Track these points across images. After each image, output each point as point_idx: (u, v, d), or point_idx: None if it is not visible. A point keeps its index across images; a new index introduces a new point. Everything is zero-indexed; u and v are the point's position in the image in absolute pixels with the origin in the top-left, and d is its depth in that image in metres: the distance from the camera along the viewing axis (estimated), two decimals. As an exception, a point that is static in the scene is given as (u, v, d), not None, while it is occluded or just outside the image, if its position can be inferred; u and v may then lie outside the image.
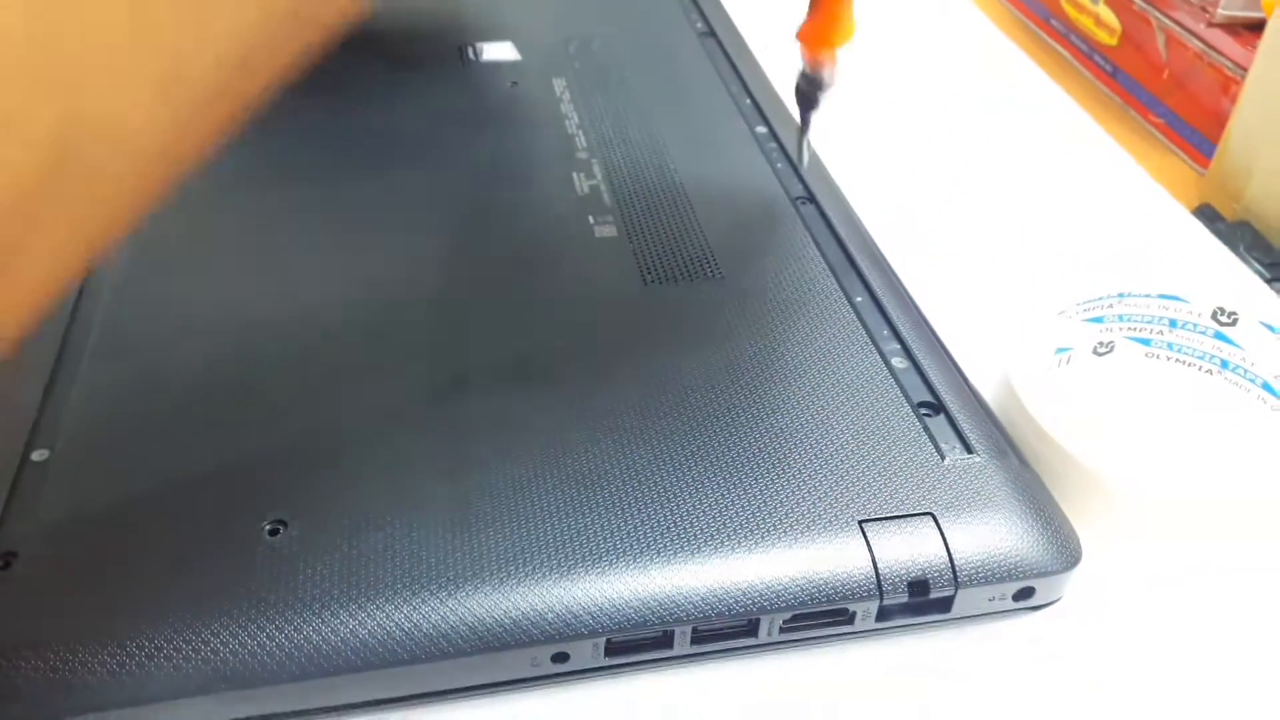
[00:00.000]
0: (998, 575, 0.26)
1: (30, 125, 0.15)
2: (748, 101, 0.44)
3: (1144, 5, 0.52)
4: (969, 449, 0.28)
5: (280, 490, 0.26)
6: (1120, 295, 0.35)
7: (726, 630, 0.25)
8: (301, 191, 0.38)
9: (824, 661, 0.26)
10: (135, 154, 0.17)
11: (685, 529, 0.26)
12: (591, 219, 0.37)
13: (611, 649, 0.25)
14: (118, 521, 0.25)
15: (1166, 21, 0.51)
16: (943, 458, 0.28)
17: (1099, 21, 0.57)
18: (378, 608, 0.24)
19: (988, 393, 0.32)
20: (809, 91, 0.37)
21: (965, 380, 0.31)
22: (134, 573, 0.24)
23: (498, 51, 0.47)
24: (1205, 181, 0.47)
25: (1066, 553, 0.27)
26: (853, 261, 0.35)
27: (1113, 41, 0.56)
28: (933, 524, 0.26)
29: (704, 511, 0.26)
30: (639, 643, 0.25)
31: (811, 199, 0.38)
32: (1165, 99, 0.53)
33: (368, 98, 0.43)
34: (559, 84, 0.45)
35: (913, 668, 0.26)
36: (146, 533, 0.25)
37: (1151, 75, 0.53)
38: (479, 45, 0.48)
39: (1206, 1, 0.48)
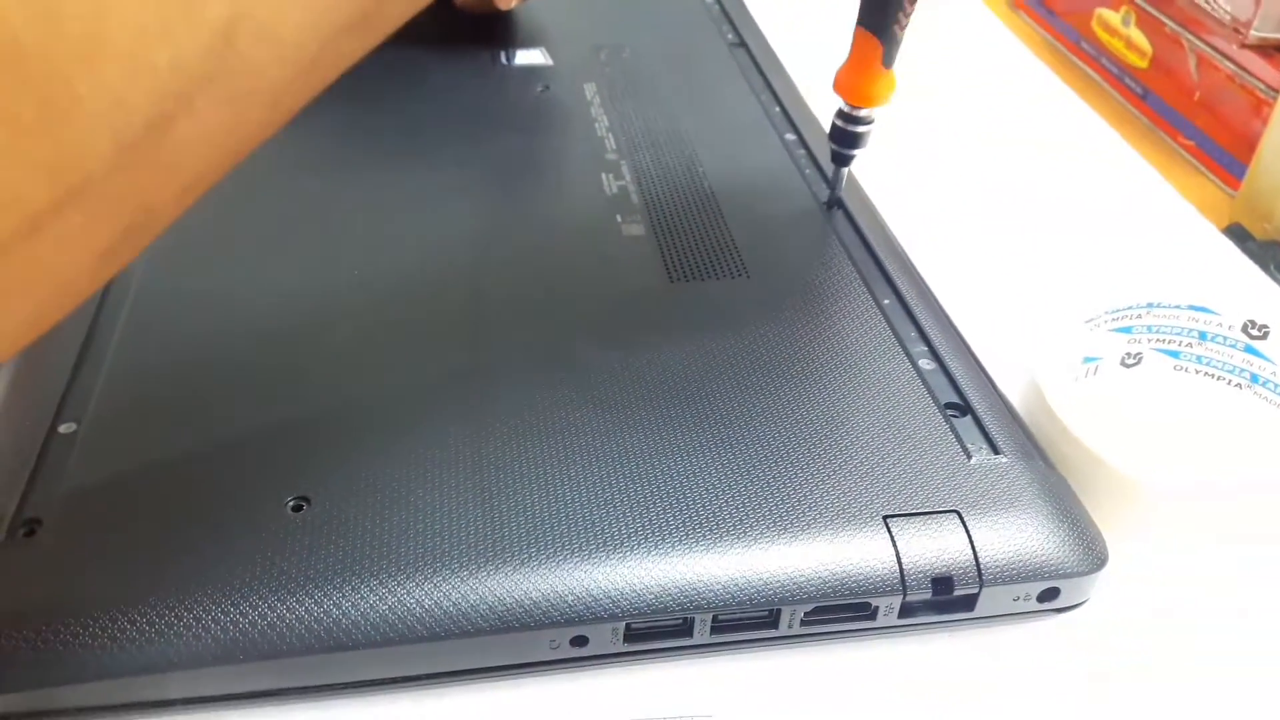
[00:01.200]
0: (1023, 575, 0.26)
1: (203, 9, 0.16)
2: (777, 110, 0.45)
3: (1176, 28, 0.52)
4: (995, 450, 0.28)
5: (304, 468, 0.26)
6: (1150, 305, 0.35)
7: (747, 620, 0.25)
8: (333, 182, 0.38)
9: (845, 657, 0.26)
10: (289, 62, 0.18)
11: (708, 517, 0.25)
12: (619, 217, 0.37)
13: (631, 635, 0.25)
14: (141, 494, 0.26)
15: (1199, 44, 0.51)
16: (969, 457, 0.28)
17: (1130, 44, 0.57)
18: (399, 584, 0.24)
19: (1014, 397, 0.32)
20: (846, 129, 0.36)
21: (992, 383, 0.31)
22: (156, 544, 0.24)
23: (530, 57, 0.48)
24: (1235, 203, 0.47)
25: (1093, 555, 0.26)
26: (880, 266, 0.35)
27: (1143, 64, 0.56)
28: (958, 521, 0.26)
29: (728, 501, 0.26)
30: (659, 629, 0.25)
31: (840, 205, 0.38)
32: (1195, 121, 0.52)
33: (402, 98, 0.44)
34: (589, 89, 0.45)
35: (935, 667, 0.26)
36: (169, 506, 0.25)
37: (1182, 97, 0.53)
38: (511, 50, 0.48)
39: (1239, 23, 0.48)
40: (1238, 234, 0.44)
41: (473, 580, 0.24)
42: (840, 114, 0.36)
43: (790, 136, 0.43)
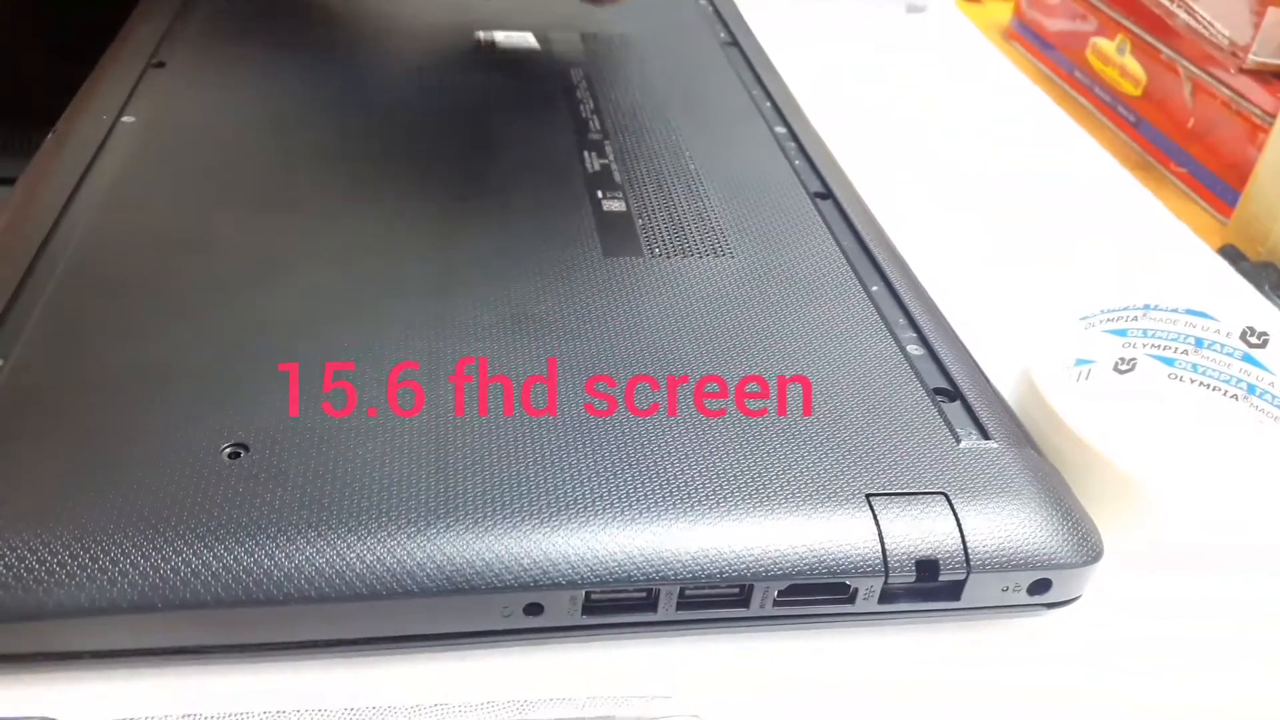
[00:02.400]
0: (1013, 563, 0.24)
1: None
2: (768, 105, 0.44)
3: (1171, 54, 0.52)
4: (985, 435, 0.26)
5: (245, 415, 0.24)
6: (1146, 308, 0.33)
7: (716, 597, 0.23)
8: (303, 149, 0.36)
9: (820, 644, 0.24)
10: None
11: (678, 485, 0.24)
12: (600, 193, 0.35)
13: (590, 606, 0.23)
14: (66, 433, 0.23)
15: (1194, 69, 0.50)
16: (958, 441, 0.26)
17: (1124, 73, 0.56)
18: (338, 538, 0.22)
19: (1006, 391, 0.30)
20: None
21: (982, 373, 0.29)
22: (74, 479, 0.22)
23: (517, 39, 0.47)
24: (1229, 227, 0.46)
25: (1087, 547, 0.25)
26: (869, 253, 0.34)
27: (1137, 92, 0.55)
28: (945, 504, 0.24)
29: (699, 469, 0.24)
30: (620, 602, 0.23)
31: (829, 195, 0.37)
32: (1189, 148, 0.52)
33: (385, 74, 0.42)
34: (576, 73, 0.44)
35: (917, 660, 0.24)
36: (95, 445, 0.23)
37: (1175, 124, 0.53)
38: (495, 33, 0.47)
39: (1237, 48, 0.48)
40: (1231, 255, 0.43)
41: (420, 538, 0.22)
42: None
43: (780, 129, 0.41)
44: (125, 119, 0.36)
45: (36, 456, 0.23)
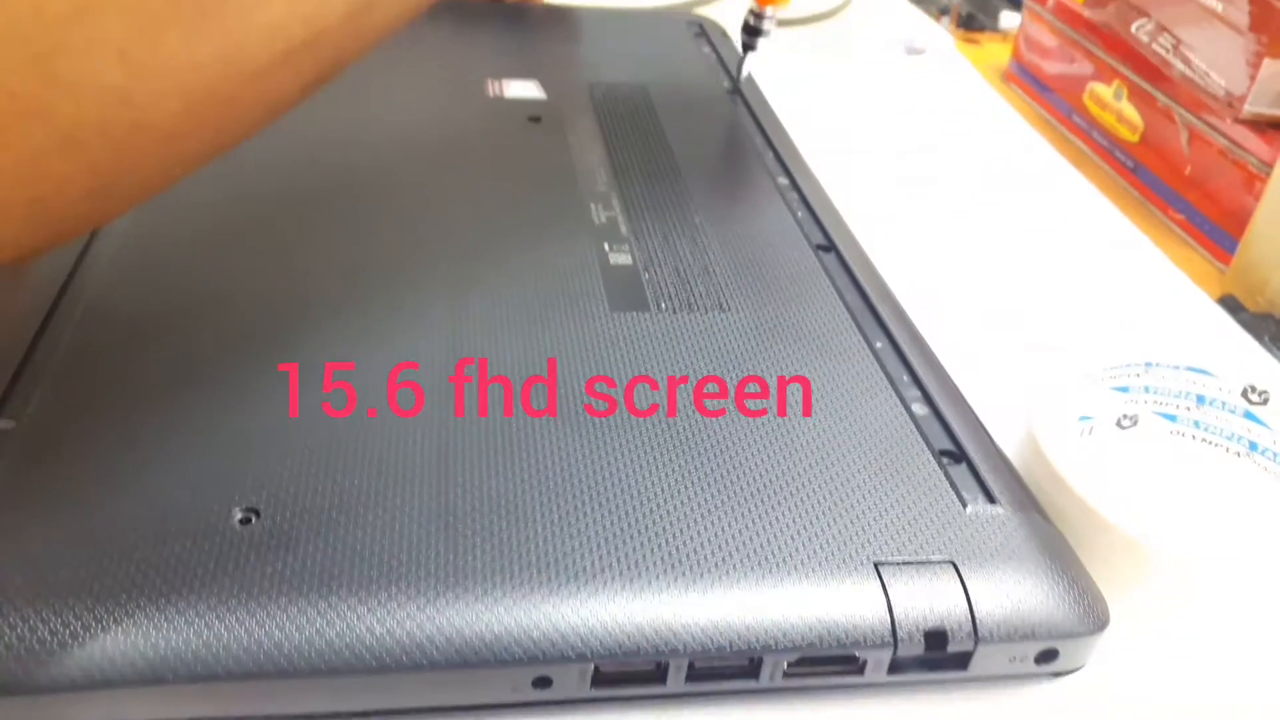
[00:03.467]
0: (1021, 633, 0.24)
1: None
2: (771, 156, 0.44)
3: (1168, 101, 0.52)
4: (992, 499, 0.27)
5: (257, 479, 0.24)
6: (1148, 365, 0.34)
7: (726, 669, 0.23)
8: (313, 203, 0.36)
9: (829, 713, 0.24)
10: None
11: (687, 555, 0.24)
12: (607, 245, 0.35)
13: (599, 679, 0.23)
14: (76, 496, 0.24)
15: (1190, 118, 0.51)
16: (965, 506, 0.26)
17: (1121, 118, 0.57)
18: (349, 608, 0.22)
19: (1009, 449, 0.30)
20: (755, 26, 0.47)
21: (986, 433, 0.30)
22: (85, 546, 0.22)
23: (523, 89, 0.47)
24: (1228, 276, 0.47)
25: (1093, 615, 0.25)
26: (872, 308, 0.34)
27: (1134, 138, 0.56)
28: (953, 572, 0.24)
29: (709, 539, 0.24)
30: (630, 674, 0.23)
31: (832, 247, 0.37)
32: (1186, 194, 0.52)
33: (392, 122, 0.43)
34: (583, 122, 0.44)
35: (923, 729, 0.24)
36: (106, 509, 0.23)
37: (1172, 171, 0.53)
38: (503, 81, 0.47)
39: (1234, 98, 0.48)
40: (1231, 305, 0.43)
41: (430, 609, 0.22)
42: (751, 13, 0.47)
43: (783, 180, 0.42)
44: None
45: (47, 522, 0.23)
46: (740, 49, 0.49)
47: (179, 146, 0.20)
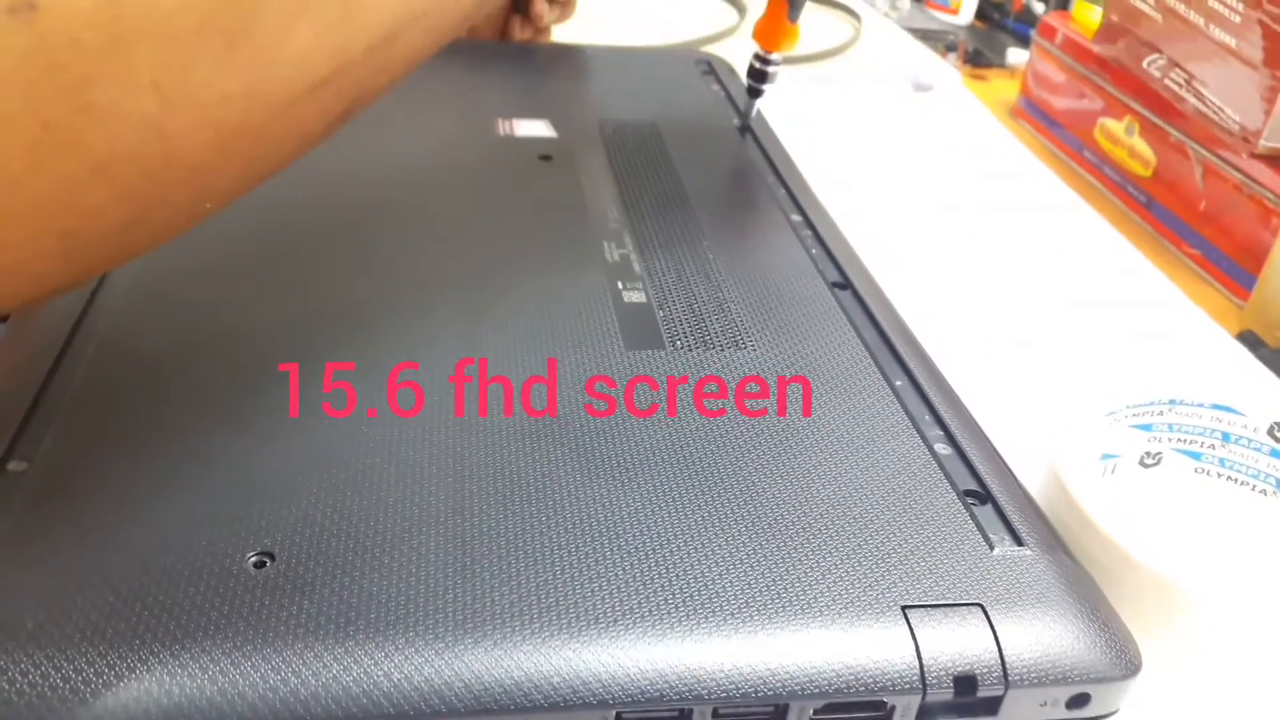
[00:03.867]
0: (1051, 677, 0.23)
1: None
2: (783, 192, 0.44)
3: (1181, 137, 0.52)
4: (1019, 541, 0.26)
5: (271, 522, 0.24)
6: (1171, 402, 0.33)
7: (751, 716, 0.23)
8: (324, 242, 0.36)
9: (855, 761, 0.24)
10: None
11: (711, 599, 0.23)
12: (621, 283, 0.35)
13: (621, 725, 0.22)
14: (89, 539, 0.23)
15: (1204, 153, 0.51)
16: (991, 548, 0.26)
17: (1133, 153, 0.57)
18: (365, 654, 0.21)
19: (1032, 487, 0.30)
20: (761, 70, 0.47)
21: (1011, 472, 0.29)
22: (98, 591, 0.22)
23: (534, 128, 0.47)
24: (1245, 312, 0.46)
25: (1125, 659, 0.24)
26: (891, 346, 0.33)
27: (1147, 173, 0.56)
28: (982, 616, 0.24)
29: (732, 582, 0.24)
30: (652, 720, 0.22)
31: (848, 285, 0.37)
32: (1201, 230, 0.52)
33: (402, 161, 0.43)
34: (595, 161, 0.44)
35: (952, 778, 0.24)
36: (119, 553, 0.23)
37: (1187, 207, 0.53)
38: (514, 120, 0.47)
39: (1248, 133, 0.48)
40: (1250, 341, 0.43)
41: (448, 654, 0.22)
42: (756, 57, 0.47)
43: (796, 217, 0.42)
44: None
45: (60, 566, 0.22)
46: (747, 93, 0.49)
47: (209, 180, 0.20)
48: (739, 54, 0.56)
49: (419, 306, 0.33)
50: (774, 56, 0.47)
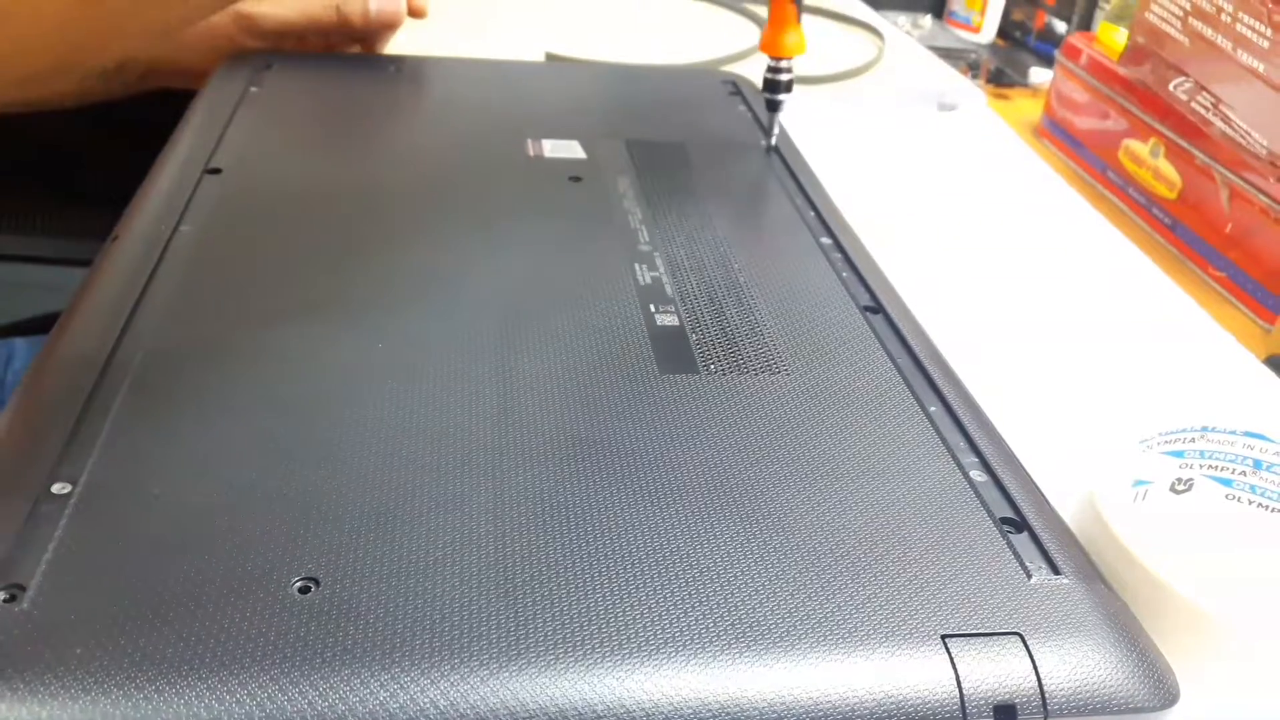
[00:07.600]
0: (1090, 707, 0.23)
1: None
2: (812, 214, 0.44)
3: (1207, 160, 0.52)
4: (1055, 570, 0.26)
5: (315, 548, 0.24)
6: (1203, 430, 0.33)
7: (791, 744, 0.23)
8: (357, 268, 0.37)
9: (894, 791, 0.24)
10: None
11: (751, 628, 0.23)
12: (653, 306, 0.35)
13: (663, 753, 0.22)
14: (134, 563, 0.23)
15: (1231, 176, 0.51)
16: (1029, 577, 0.26)
17: (1158, 175, 0.57)
18: (411, 680, 0.21)
19: (1065, 514, 0.30)
20: (774, 80, 0.47)
21: (1046, 500, 0.29)
22: (145, 618, 0.22)
23: (563, 149, 0.47)
24: (1273, 337, 0.46)
25: (1163, 689, 0.24)
26: (924, 371, 0.34)
27: (1172, 195, 0.56)
28: (1021, 645, 0.24)
29: (771, 610, 0.24)
30: (694, 748, 0.22)
31: (880, 309, 0.37)
32: (1227, 253, 0.52)
33: (431, 181, 0.43)
34: (623, 182, 0.45)
35: (991, 808, 0.24)
36: (165, 577, 0.23)
37: (1213, 229, 0.53)
38: (544, 142, 0.48)
39: (1275, 157, 0.48)
40: (1278, 365, 0.43)
41: (493, 681, 0.22)
42: (768, 68, 0.47)
43: (826, 240, 0.42)
44: (183, 228, 0.37)
45: (105, 589, 0.23)
46: (767, 107, 0.49)
47: None
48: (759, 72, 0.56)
49: (454, 330, 0.33)
50: (784, 64, 0.47)
